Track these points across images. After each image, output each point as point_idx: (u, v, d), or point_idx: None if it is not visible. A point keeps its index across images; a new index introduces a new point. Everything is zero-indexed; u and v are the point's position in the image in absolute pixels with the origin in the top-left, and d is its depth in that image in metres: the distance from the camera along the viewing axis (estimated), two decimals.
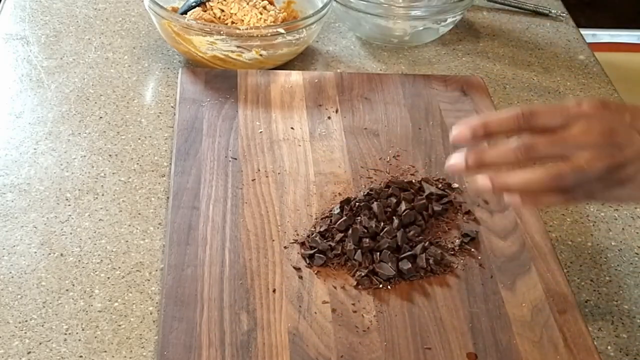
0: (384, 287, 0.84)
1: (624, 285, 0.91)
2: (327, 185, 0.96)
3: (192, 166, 0.97)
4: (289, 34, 1.15)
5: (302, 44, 1.19)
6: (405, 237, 0.87)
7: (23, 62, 1.18)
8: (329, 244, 0.87)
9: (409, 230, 0.89)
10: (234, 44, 1.14)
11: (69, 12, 1.31)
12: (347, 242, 0.87)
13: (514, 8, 1.41)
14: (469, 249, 0.89)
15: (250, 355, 0.77)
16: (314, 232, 0.89)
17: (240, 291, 0.83)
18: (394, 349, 0.78)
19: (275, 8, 1.23)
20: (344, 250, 0.86)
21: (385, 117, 1.08)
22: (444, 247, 0.89)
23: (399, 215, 0.89)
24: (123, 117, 1.09)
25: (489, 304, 0.83)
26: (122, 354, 0.79)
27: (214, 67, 1.16)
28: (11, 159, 1.01)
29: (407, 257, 0.86)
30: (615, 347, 0.84)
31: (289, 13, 1.24)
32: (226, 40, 1.14)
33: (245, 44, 1.14)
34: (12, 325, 0.81)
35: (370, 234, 0.87)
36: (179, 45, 1.17)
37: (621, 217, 1.00)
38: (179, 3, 1.24)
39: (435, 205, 0.93)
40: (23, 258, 0.88)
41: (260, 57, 1.16)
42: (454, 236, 0.90)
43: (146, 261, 0.89)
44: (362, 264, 0.85)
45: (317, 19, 1.17)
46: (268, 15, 1.20)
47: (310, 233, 0.89)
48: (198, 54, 1.16)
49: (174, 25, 1.15)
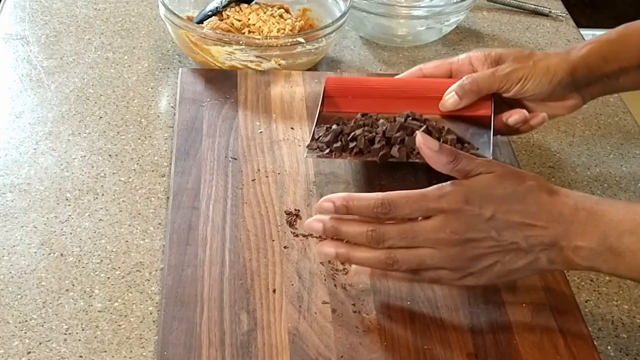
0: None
1: (624, 285, 0.91)
2: (327, 185, 0.96)
3: (192, 166, 0.97)
4: (309, 43, 1.14)
5: (321, 53, 1.18)
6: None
7: (23, 62, 1.18)
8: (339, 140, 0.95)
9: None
10: (253, 54, 1.13)
11: (69, 12, 1.31)
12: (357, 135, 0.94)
13: (514, 8, 1.41)
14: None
15: (250, 355, 0.77)
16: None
17: (240, 291, 0.83)
18: (394, 349, 0.78)
19: (291, 17, 1.22)
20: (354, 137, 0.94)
21: None
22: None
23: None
24: (123, 117, 1.09)
25: (489, 304, 0.83)
26: (122, 354, 0.79)
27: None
28: (11, 159, 1.01)
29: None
30: (615, 347, 0.84)
31: (306, 21, 1.22)
32: (245, 50, 1.13)
33: (264, 54, 1.13)
34: (12, 325, 0.81)
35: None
36: (195, 55, 1.16)
37: None
38: (193, 12, 1.23)
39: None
40: (23, 258, 0.88)
41: (279, 67, 1.15)
42: None
43: (146, 261, 0.89)
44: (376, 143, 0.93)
45: (335, 27, 1.16)
46: (285, 24, 1.18)
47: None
48: (216, 63, 1.15)
49: (192, 35, 1.14)
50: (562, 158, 1.09)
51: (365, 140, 0.94)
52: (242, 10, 1.20)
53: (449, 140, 0.94)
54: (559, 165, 1.07)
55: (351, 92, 1.03)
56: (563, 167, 1.07)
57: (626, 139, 1.13)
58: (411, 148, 0.93)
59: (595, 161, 1.09)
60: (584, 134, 1.14)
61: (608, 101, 1.20)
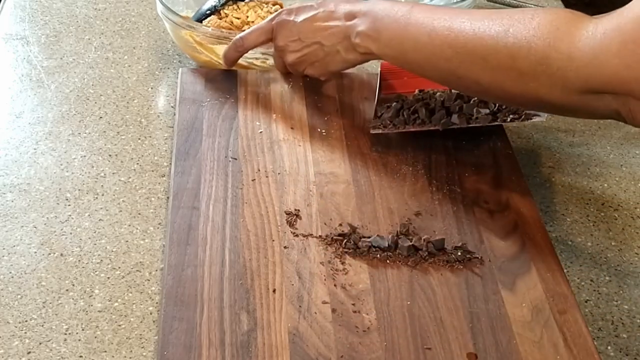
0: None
1: (624, 285, 0.91)
2: (327, 185, 0.96)
3: (192, 166, 0.97)
4: None
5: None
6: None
7: (23, 62, 1.18)
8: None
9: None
10: (259, 51, 1.14)
11: (69, 12, 1.31)
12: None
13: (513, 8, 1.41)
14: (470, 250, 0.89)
15: (250, 355, 0.77)
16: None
17: (240, 291, 0.83)
18: (394, 349, 0.78)
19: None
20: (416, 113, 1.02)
21: None
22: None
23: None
24: (123, 117, 1.09)
25: (489, 304, 0.83)
26: (122, 354, 0.79)
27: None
28: (11, 159, 1.01)
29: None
30: (615, 347, 0.84)
31: None
32: None
33: (270, 50, 1.12)
34: (12, 325, 0.81)
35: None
36: (199, 54, 1.16)
37: (621, 217, 1.00)
38: (187, 12, 1.22)
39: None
40: (23, 258, 0.88)
41: None
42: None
43: (146, 261, 0.89)
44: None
45: None
46: None
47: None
48: (220, 62, 1.14)
49: (196, 35, 1.14)
50: (562, 158, 1.09)
51: (426, 111, 1.01)
52: (240, 8, 1.22)
53: None
54: (559, 165, 1.07)
55: (406, 74, 1.05)
56: (563, 167, 1.07)
57: (626, 139, 1.13)
58: (469, 114, 1.01)
59: (595, 161, 1.09)
60: (584, 134, 1.14)
61: None
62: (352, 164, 1.00)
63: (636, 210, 1.01)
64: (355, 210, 0.93)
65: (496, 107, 1.02)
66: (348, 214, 0.93)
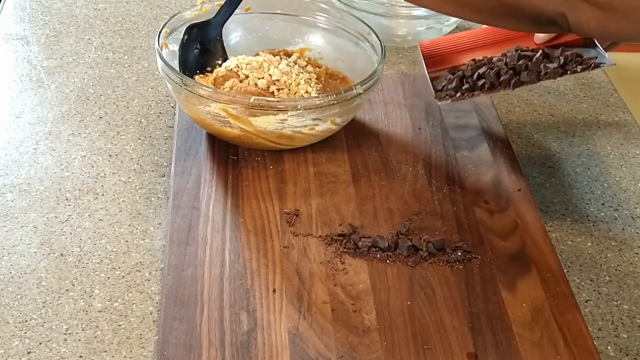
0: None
1: (624, 285, 0.91)
2: (327, 185, 0.96)
3: (192, 166, 0.97)
4: (364, 90, 0.97)
5: (365, 101, 1.02)
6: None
7: (23, 62, 1.18)
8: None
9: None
10: (310, 117, 0.94)
11: (69, 12, 1.31)
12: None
13: None
14: (469, 250, 0.89)
15: (251, 355, 0.77)
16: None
17: (240, 291, 0.83)
18: (394, 349, 0.78)
19: (297, 60, 1.08)
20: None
21: (385, 117, 1.08)
22: None
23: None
24: (123, 117, 1.09)
25: (489, 304, 0.83)
26: (122, 354, 0.79)
27: (275, 149, 0.98)
28: (11, 159, 1.01)
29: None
30: (615, 347, 0.84)
31: (312, 64, 1.09)
32: (302, 114, 0.94)
33: (323, 115, 0.94)
34: (12, 325, 0.81)
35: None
36: (230, 129, 0.95)
37: (621, 217, 1.00)
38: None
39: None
40: (23, 258, 0.88)
41: (334, 127, 0.99)
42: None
43: (146, 261, 0.89)
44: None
45: (382, 65, 1.01)
46: (309, 73, 1.05)
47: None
48: (259, 136, 0.95)
49: (233, 108, 0.93)
50: (562, 158, 1.09)
51: (492, 75, 0.99)
52: (252, 65, 1.02)
53: (569, 55, 0.98)
54: (559, 165, 1.07)
55: (447, 49, 1.06)
56: (563, 167, 1.07)
57: (626, 139, 1.13)
58: (537, 71, 0.98)
59: (595, 161, 1.09)
60: (584, 134, 1.14)
61: (608, 101, 1.20)
62: (352, 164, 1.00)
63: (636, 210, 1.01)
64: (355, 210, 0.93)
65: (563, 60, 0.99)
66: (348, 214, 0.93)
